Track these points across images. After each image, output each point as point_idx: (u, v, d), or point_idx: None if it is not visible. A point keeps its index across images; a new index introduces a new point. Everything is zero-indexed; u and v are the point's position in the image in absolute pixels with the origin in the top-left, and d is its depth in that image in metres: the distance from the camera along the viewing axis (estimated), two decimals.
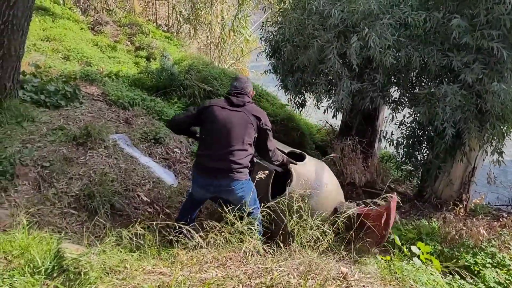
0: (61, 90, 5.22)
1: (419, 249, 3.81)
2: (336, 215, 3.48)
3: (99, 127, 4.70)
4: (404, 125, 5.94)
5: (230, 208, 3.02)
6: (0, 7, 4.50)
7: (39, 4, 9.26)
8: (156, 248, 3.03)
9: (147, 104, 6.04)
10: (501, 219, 5.05)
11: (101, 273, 2.55)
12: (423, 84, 5.61)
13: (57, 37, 8.02)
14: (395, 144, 6.00)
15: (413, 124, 5.83)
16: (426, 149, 6.01)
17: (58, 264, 2.57)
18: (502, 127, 4.96)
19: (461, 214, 5.39)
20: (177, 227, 2.96)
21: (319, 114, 7.29)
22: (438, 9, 4.87)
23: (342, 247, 3.24)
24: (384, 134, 6.19)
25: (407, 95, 5.74)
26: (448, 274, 3.89)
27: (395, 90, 5.88)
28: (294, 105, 6.87)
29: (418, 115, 5.30)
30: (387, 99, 5.74)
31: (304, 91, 6.49)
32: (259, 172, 3.18)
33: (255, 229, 2.97)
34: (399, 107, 5.84)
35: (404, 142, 5.96)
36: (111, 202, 3.87)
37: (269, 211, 3.12)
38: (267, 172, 3.28)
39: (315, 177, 3.88)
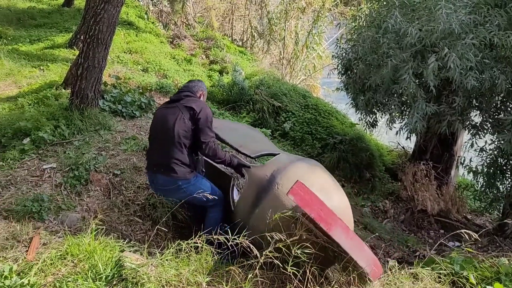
0: (137, 101, 5.49)
1: None
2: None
3: None
4: (485, 152, 5.49)
5: None
6: (88, 22, 4.86)
7: (125, 18, 9.92)
8: (213, 262, 3.03)
9: (216, 117, 6.16)
10: None
11: (158, 285, 2.59)
12: (509, 109, 5.17)
13: (138, 50, 8.51)
14: (474, 172, 5.56)
15: (495, 152, 5.36)
16: (509, 179, 5.50)
17: (118, 272, 2.66)
18: None
19: None
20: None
21: (391, 135, 6.99)
22: None
23: None
24: (462, 161, 5.76)
25: (490, 120, 5.31)
26: None
27: (476, 115, 5.47)
28: (365, 124, 6.66)
29: (502, 142, 4.87)
30: (467, 123, 5.36)
31: (375, 111, 6.27)
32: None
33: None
34: (480, 133, 5.42)
35: (485, 170, 5.50)
36: (174, 213, 3.95)
37: None
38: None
39: (268, 178, 3.24)
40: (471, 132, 5.49)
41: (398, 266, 3.29)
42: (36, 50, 7.88)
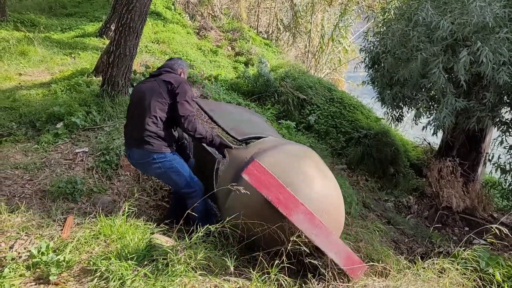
0: None
1: None
2: None
3: None
4: None
5: None
6: (120, 10, 4.95)
7: (153, 9, 10.03)
8: (239, 247, 3.08)
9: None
10: None
11: (187, 267, 2.66)
12: None
13: (166, 40, 8.62)
14: (502, 170, 5.45)
15: None
16: None
17: (149, 253, 2.74)
18: None
19: None
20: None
21: (416, 130, 6.90)
22: None
23: None
24: (490, 158, 5.66)
25: None
26: None
27: (507, 111, 5.36)
28: (390, 118, 6.60)
29: None
30: (497, 120, 5.25)
31: (402, 105, 6.21)
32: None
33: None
34: (510, 130, 5.31)
35: None
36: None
37: None
38: None
39: (247, 160, 3.08)
40: (501, 129, 5.39)
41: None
42: (68, 39, 8.07)
